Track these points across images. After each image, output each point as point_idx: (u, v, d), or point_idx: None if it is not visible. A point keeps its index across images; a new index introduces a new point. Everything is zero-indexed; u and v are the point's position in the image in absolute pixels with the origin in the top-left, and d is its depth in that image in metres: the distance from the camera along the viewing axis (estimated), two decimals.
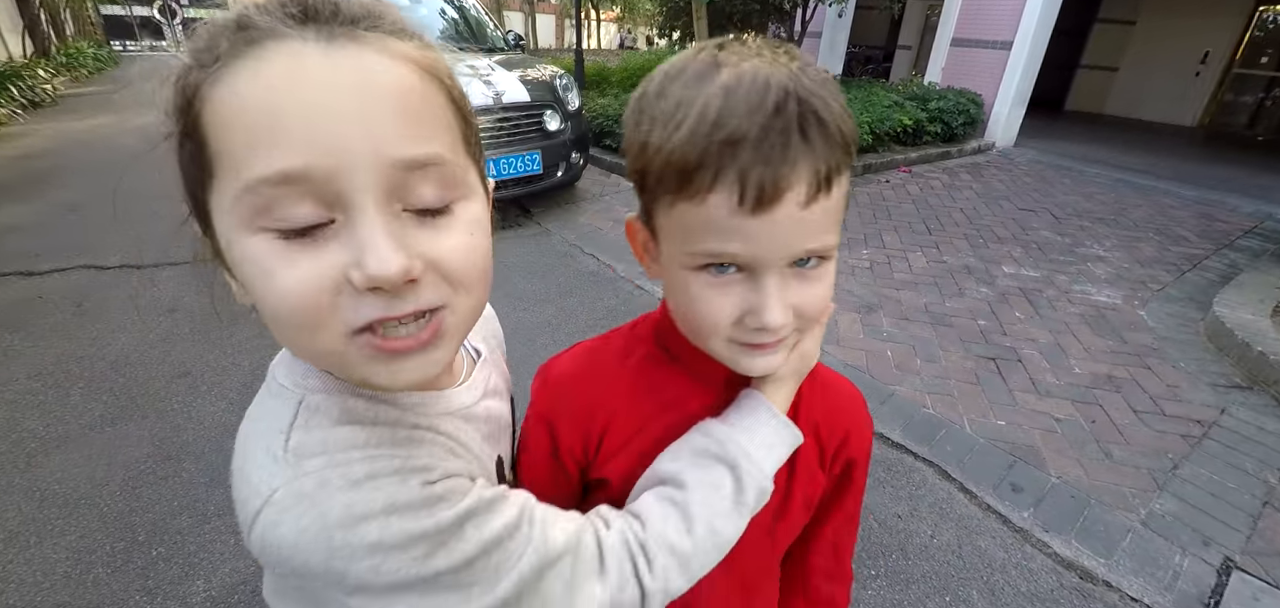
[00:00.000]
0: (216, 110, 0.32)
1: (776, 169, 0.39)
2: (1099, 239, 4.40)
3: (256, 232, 0.33)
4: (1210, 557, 1.86)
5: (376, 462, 0.37)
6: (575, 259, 3.74)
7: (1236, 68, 10.41)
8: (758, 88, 0.39)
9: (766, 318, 0.43)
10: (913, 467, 2.17)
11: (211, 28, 0.34)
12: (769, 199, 0.39)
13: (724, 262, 0.43)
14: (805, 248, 0.42)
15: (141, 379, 2.41)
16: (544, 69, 4.70)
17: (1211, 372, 2.82)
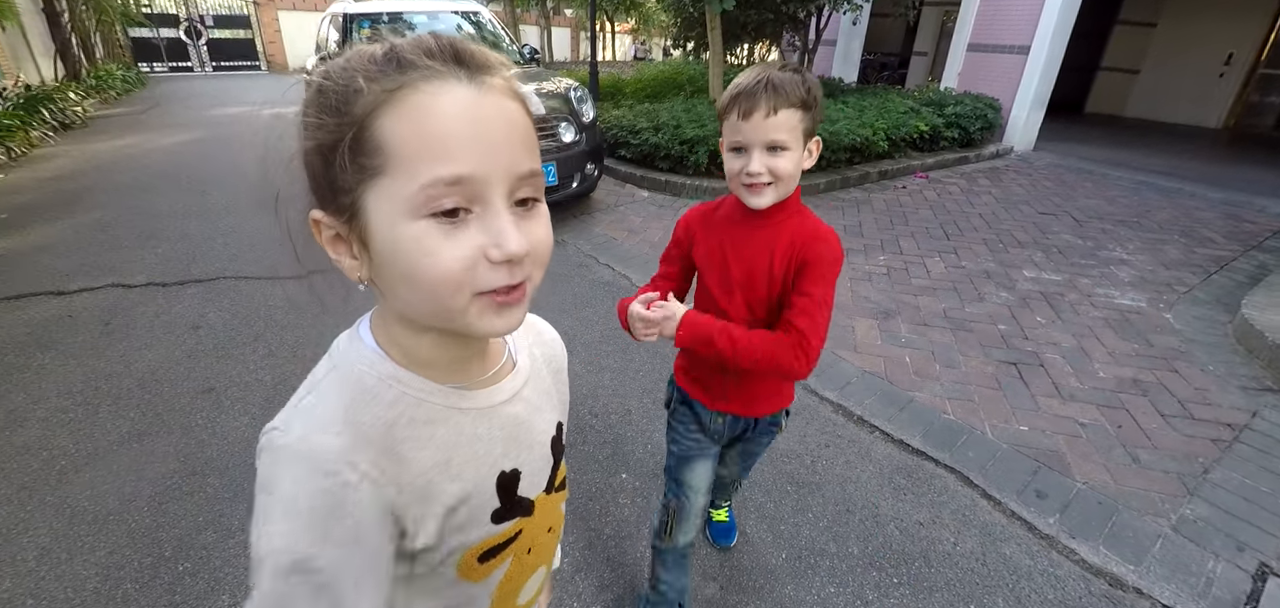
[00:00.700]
0: (399, 125, 0.41)
1: (753, 103, 0.97)
2: (1122, 242, 4.32)
3: (422, 217, 0.42)
4: (1245, 562, 1.81)
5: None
6: (591, 269, 3.76)
7: (1262, 68, 10.19)
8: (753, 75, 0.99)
9: (753, 166, 1.00)
10: (934, 473, 2.14)
11: (377, 59, 0.42)
12: (747, 114, 0.98)
13: (738, 145, 1.02)
14: (771, 139, 0.99)
15: (167, 396, 2.46)
16: (559, 81, 4.76)
17: (1241, 374, 2.75)
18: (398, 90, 0.41)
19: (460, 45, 0.44)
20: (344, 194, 0.43)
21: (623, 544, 1.82)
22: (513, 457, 0.56)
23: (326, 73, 0.43)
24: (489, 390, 0.55)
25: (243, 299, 3.27)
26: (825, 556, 1.79)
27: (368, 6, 5.32)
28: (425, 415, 0.50)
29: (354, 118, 0.41)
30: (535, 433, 0.59)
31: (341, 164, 0.42)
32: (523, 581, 0.63)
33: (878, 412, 2.43)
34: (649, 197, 5.25)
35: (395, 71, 0.41)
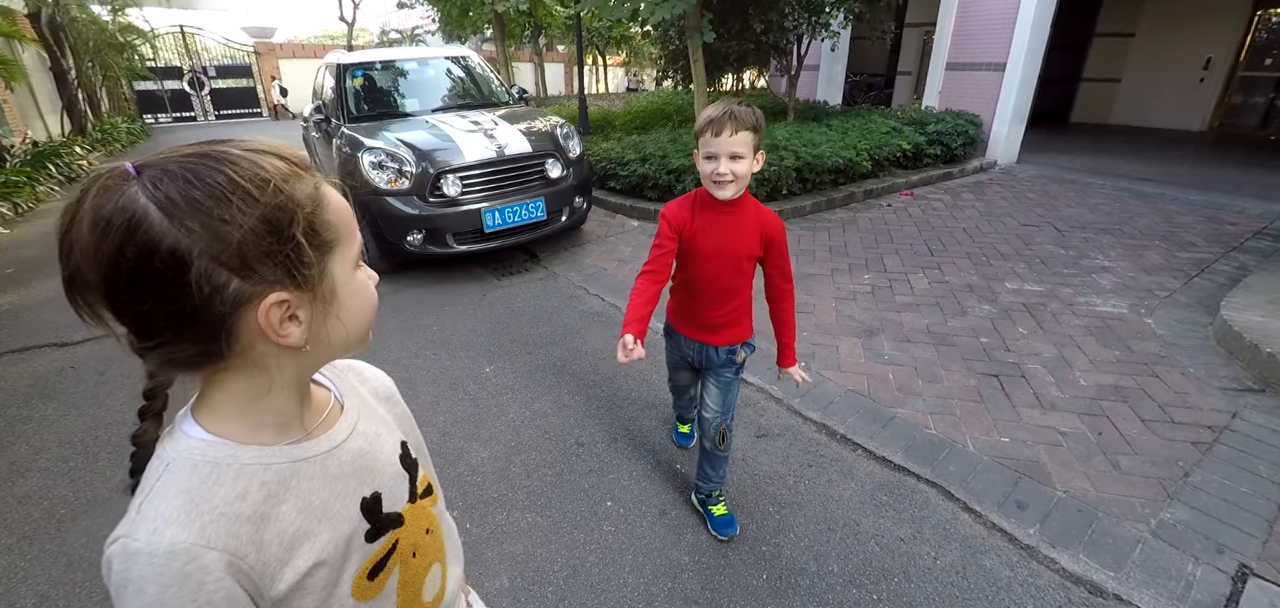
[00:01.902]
0: (337, 209, 0.56)
1: (721, 126, 1.49)
2: (1104, 250, 4.38)
3: (359, 267, 0.59)
4: (1224, 565, 1.83)
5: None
6: (581, 301, 3.83)
7: (1241, 71, 10.38)
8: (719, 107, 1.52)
9: (721, 169, 1.52)
10: (915, 488, 2.17)
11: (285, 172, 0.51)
12: (717, 132, 1.50)
13: (711, 155, 1.53)
14: (733, 150, 1.50)
15: None
16: (547, 119, 4.89)
17: (1222, 376, 2.79)
18: (321, 183, 0.54)
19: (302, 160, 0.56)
20: (313, 268, 0.52)
21: (606, 571, 1.85)
22: (368, 484, 0.63)
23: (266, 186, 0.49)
24: (327, 435, 0.61)
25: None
26: (805, 575, 1.82)
27: (361, 57, 5.49)
28: (275, 478, 0.55)
29: (309, 211, 0.51)
30: (381, 458, 0.66)
31: (312, 249, 0.52)
32: (420, 581, 0.70)
33: (860, 430, 2.47)
34: (639, 226, 5.34)
35: (306, 171, 0.53)
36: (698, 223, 1.64)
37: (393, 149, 4.02)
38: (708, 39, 5.81)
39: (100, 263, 0.45)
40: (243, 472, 0.53)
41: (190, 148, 0.49)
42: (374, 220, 3.96)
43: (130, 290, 0.46)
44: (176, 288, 0.46)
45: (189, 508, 0.50)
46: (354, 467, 0.62)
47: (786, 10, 6.49)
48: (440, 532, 0.75)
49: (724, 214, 1.61)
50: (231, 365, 0.53)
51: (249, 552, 0.51)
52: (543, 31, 16.72)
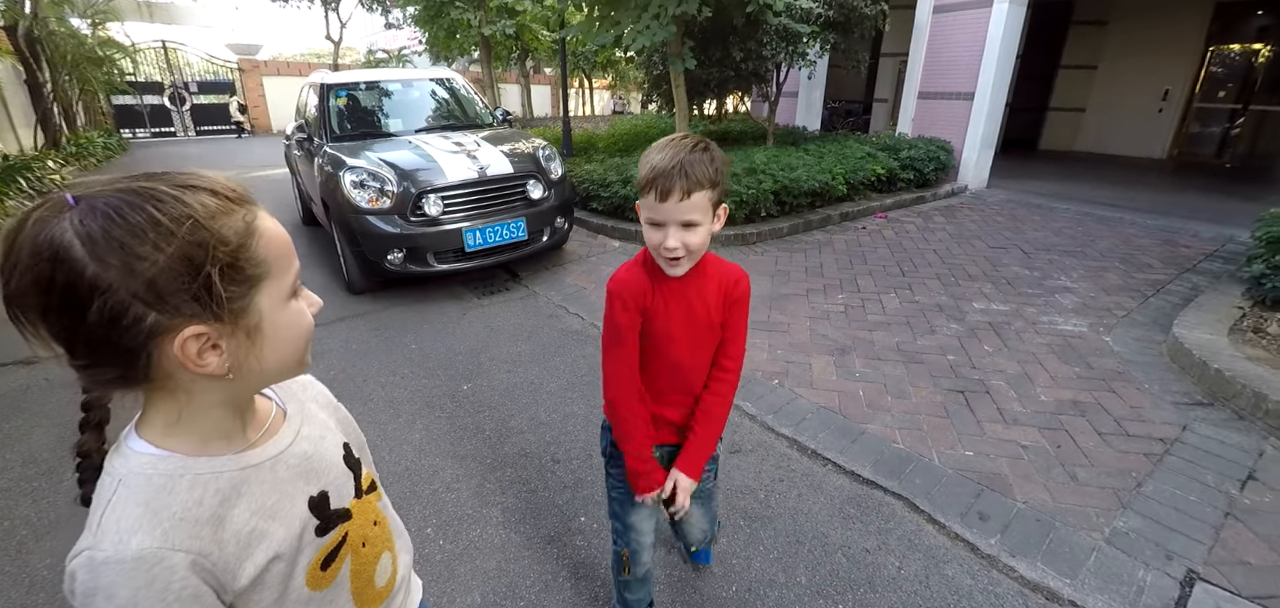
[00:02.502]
0: (269, 243, 0.58)
1: (669, 185, 1.05)
2: (1067, 271, 4.55)
3: (290, 299, 0.60)
4: (1173, 570, 1.91)
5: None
6: (560, 320, 3.87)
7: (1197, 102, 10.88)
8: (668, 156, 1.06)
9: (669, 243, 1.09)
10: (882, 501, 2.23)
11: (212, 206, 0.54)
12: (664, 195, 1.06)
13: (657, 221, 1.10)
14: (685, 218, 1.08)
15: None
16: (530, 141, 4.96)
17: (1174, 391, 2.91)
18: (257, 218, 0.57)
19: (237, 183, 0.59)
20: (238, 301, 0.55)
21: (578, 585, 1.88)
22: (315, 483, 0.68)
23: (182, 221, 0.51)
24: (273, 442, 0.66)
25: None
26: (774, 586, 1.87)
27: (345, 77, 5.54)
28: (227, 484, 0.59)
29: (234, 245, 0.54)
30: (326, 459, 0.71)
31: (235, 281, 0.54)
32: (371, 569, 0.75)
33: (830, 445, 2.54)
34: (620, 246, 5.41)
35: (241, 205, 0.56)
36: (658, 296, 1.22)
37: (375, 168, 4.06)
38: (689, 65, 5.96)
39: (35, 286, 0.48)
40: (196, 480, 0.57)
41: (124, 182, 0.52)
42: (355, 239, 3.98)
43: (58, 314, 0.49)
44: (92, 319, 0.48)
45: (149, 516, 0.53)
46: (300, 469, 0.67)
47: (765, 40, 6.69)
48: (387, 524, 0.81)
49: (685, 279, 1.21)
50: (160, 387, 0.56)
51: (212, 550, 0.56)
52: (530, 54, 16.94)
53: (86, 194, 0.50)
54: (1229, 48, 10.68)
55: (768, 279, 4.46)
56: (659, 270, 1.19)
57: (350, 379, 3.13)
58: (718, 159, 1.10)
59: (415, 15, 12.85)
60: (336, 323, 3.83)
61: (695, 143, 1.09)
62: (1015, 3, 6.74)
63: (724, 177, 1.12)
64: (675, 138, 1.10)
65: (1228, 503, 2.18)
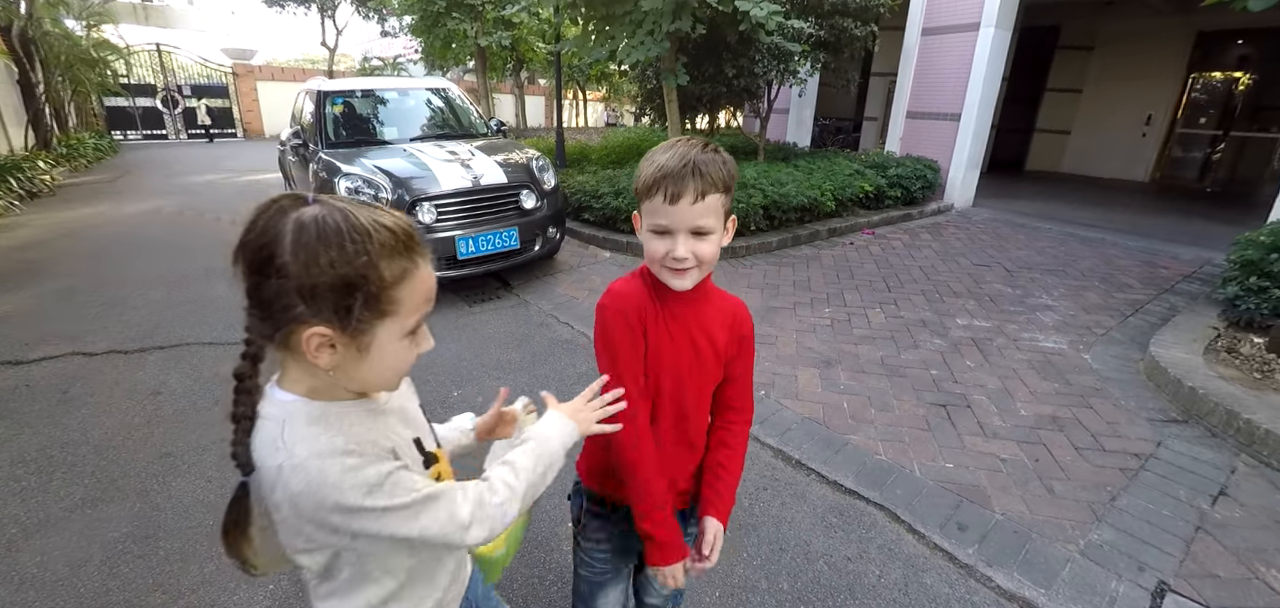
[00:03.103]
0: (412, 291, 0.71)
1: (680, 187, 0.92)
2: (1048, 289, 4.65)
3: (404, 338, 0.73)
4: (1145, 582, 1.96)
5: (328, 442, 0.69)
6: (550, 328, 3.90)
7: (1179, 128, 11.14)
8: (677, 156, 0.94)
9: (678, 252, 0.95)
10: (864, 511, 2.28)
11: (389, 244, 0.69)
12: (675, 198, 0.93)
13: (663, 229, 0.96)
14: (697, 224, 0.95)
15: (123, 462, 2.49)
16: (523, 152, 5.02)
17: (1150, 408, 2.99)
18: (414, 270, 0.71)
19: (417, 234, 0.73)
20: (362, 324, 0.68)
21: (564, 589, 1.91)
22: (412, 429, 0.85)
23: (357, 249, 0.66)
24: (386, 397, 0.82)
25: (205, 364, 3.33)
26: (756, 592, 1.90)
27: (341, 84, 5.58)
28: (358, 417, 0.75)
29: (384, 283, 0.68)
30: (413, 415, 0.88)
31: (368, 309, 0.68)
32: None
33: (815, 455, 2.58)
34: (611, 257, 5.47)
35: (405, 256, 0.70)
36: (659, 318, 1.04)
37: (369, 175, 4.09)
38: (682, 81, 6.05)
39: (251, 246, 0.65)
40: (344, 411, 0.73)
41: (347, 203, 0.68)
42: None
43: (251, 271, 0.65)
44: (268, 288, 0.65)
45: (326, 428, 0.70)
46: (401, 417, 0.84)
47: (757, 58, 6.81)
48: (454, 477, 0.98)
49: (689, 302, 1.05)
50: (293, 353, 0.69)
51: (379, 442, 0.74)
52: (524, 66, 17.05)
53: (321, 199, 0.67)
54: (1210, 75, 10.96)
55: (757, 292, 4.52)
56: (660, 288, 1.03)
57: None
58: (729, 162, 0.98)
59: (412, 24, 12.92)
60: None
61: (704, 143, 0.97)
62: (1001, 27, 6.90)
63: (734, 182, 1.00)
64: (681, 138, 0.98)
65: (1199, 517, 2.24)
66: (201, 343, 3.60)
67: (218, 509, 2.15)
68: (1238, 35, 10.19)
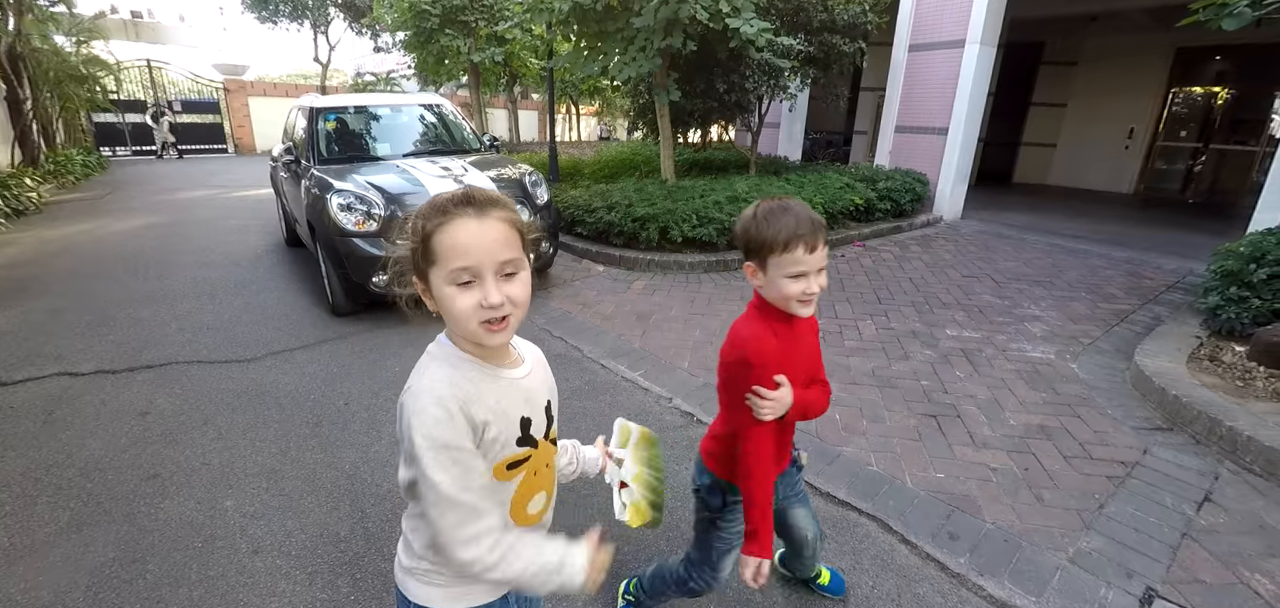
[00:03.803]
0: (442, 240, 0.82)
1: (815, 239, 1.19)
2: (1036, 300, 4.71)
3: (450, 284, 0.83)
4: (1133, 588, 1.98)
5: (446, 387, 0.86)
6: (544, 342, 3.88)
7: (1161, 141, 11.37)
8: (805, 215, 1.21)
9: (813, 287, 1.22)
10: (857, 522, 2.29)
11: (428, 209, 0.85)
12: (813, 248, 1.19)
13: (801, 272, 1.20)
14: (822, 264, 1.22)
15: (110, 484, 2.46)
16: (516, 167, 5.05)
17: (1136, 416, 3.03)
18: (444, 223, 0.82)
19: (476, 194, 0.85)
20: (423, 272, 0.86)
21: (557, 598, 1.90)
22: (527, 408, 0.96)
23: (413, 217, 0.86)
24: (513, 370, 0.96)
25: (194, 384, 3.30)
26: (752, 604, 1.91)
27: (334, 100, 5.60)
28: (485, 376, 0.90)
29: (420, 237, 0.84)
30: (537, 399, 0.99)
31: (419, 260, 0.85)
32: (530, 495, 1.01)
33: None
34: (604, 271, 5.49)
35: (440, 214, 0.83)
36: (789, 337, 1.31)
37: (361, 191, 4.10)
38: (674, 97, 6.12)
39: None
40: (470, 367, 0.90)
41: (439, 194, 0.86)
42: (340, 261, 4.00)
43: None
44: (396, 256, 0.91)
45: (444, 376, 0.87)
46: (522, 394, 0.96)
47: (748, 73, 6.89)
48: (554, 473, 1.09)
49: (798, 325, 1.33)
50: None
51: (470, 404, 0.86)
52: (518, 81, 17.15)
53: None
54: (1190, 89, 11.22)
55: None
56: (779, 316, 1.30)
57: (331, 401, 3.13)
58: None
59: (405, 40, 12.97)
60: (319, 345, 3.83)
61: (800, 202, 1.26)
62: (986, 44, 7.04)
63: None
64: (780, 200, 1.25)
65: (1185, 524, 2.27)
66: (191, 362, 3.57)
67: (208, 532, 2.16)
68: (1215, 51, 10.44)
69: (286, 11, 19.64)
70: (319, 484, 2.47)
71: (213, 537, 2.18)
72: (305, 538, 2.18)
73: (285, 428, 2.89)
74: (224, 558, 2.09)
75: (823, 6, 6.81)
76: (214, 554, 2.11)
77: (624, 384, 3.35)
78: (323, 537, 2.18)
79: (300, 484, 2.47)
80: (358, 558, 2.09)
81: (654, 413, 3.06)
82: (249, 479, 2.49)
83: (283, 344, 3.84)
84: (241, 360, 3.59)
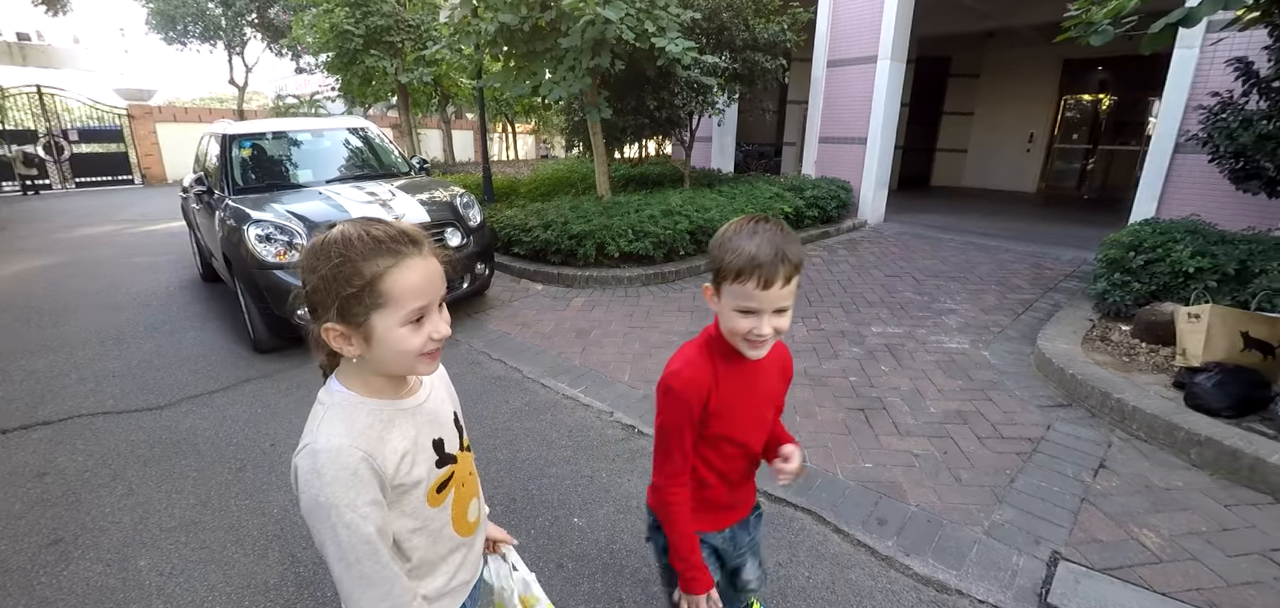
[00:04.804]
0: (395, 283, 0.81)
1: (772, 274, 0.99)
2: (952, 295, 5.05)
3: (403, 325, 0.83)
4: (1041, 553, 2.16)
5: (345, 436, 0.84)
6: (483, 366, 3.85)
7: (1057, 144, 12.46)
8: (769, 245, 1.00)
9: (764, 330, 1.04)
10: (792, 516, 2.39)
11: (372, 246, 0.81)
12: (768, 284, 1.00)
13: (751, 308, 1.03)
14: (781, 304, 1.03)
15: (4, 555, 2.25)
16: (448, 189, 4.97)
17: (1040, 396, 3.30)
18: (395, 265, 0.81)
19: (409, 230, 0.85)
20: (358, 317, 0.81)
21: None
22: (436, 430, 0.98)
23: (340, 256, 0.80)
24: (414, 398, 0.95)
25: (100, 437, 3.05)
26: None
27: (250, 126, 5.34)
28: (387, 416, 0.89)
29: (366, 280, 0.80)
30: (443, 417, 1.01)
31: (358, 304, 0.81)
32: (466, 504, 1.05)
33: None
34: (543, 289, 5.47)
35: (388, 255, 0.81)
36: (723, 384, 1.15)
37: (282, 221, 3.93)
38: (605, 116, 6.21)
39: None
40: (370, 410, 0.87)
41: (358, 221, 0.85)
42: (261, 295, 3.82)
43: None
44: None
45: (344, 427, 0.84)
46: (429, 417, 0.97)
47: (676, 90, 7.08)
48: (477, 479, 1.13)
49: (753, 366, 1.17)
50: (337, 352, 0.85)
51: (376, 453, 0.84)
52: (450, 100, 16.86)
53: (341, 223, 0.85)
54: (1079, 97, 12.37)
55: (687, 315, 4.65)
56: (728, 352, 1.14)
57: (256, 444, 2.97)
58: (797, 238, 1.08)
59: (328, 62, 12.52)
60: (241, 385, 3.62)
61: (779, 224, 1.05)
62: (896, 60, 7.52)
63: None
64: (755, 219, 1.05)
65: (1083, 490, 2.49)
66: (96, 413, 3.30)
67: (121, 595, 2.01)
68: (1098, 63, 11.56)
69: (196, 32, 18.58)
70: (244, 533, 2.34)
71: (125, 601, 2.03)
72: (230, 591, 2.06)
73: (205, 477, 2.72)
74: None
75: (745, 26, 7.09)
76: None
77: (565, 402, 3.35)
78: (249, 587, 2.07)
79: (223, 535, 2.33)
80: (289, 606, 2.00)
81: (594, 428, 3.08)
82: (165, 535, 2.33)
83: (200, 387, 3.61)
84: (153, 408, 3.35)
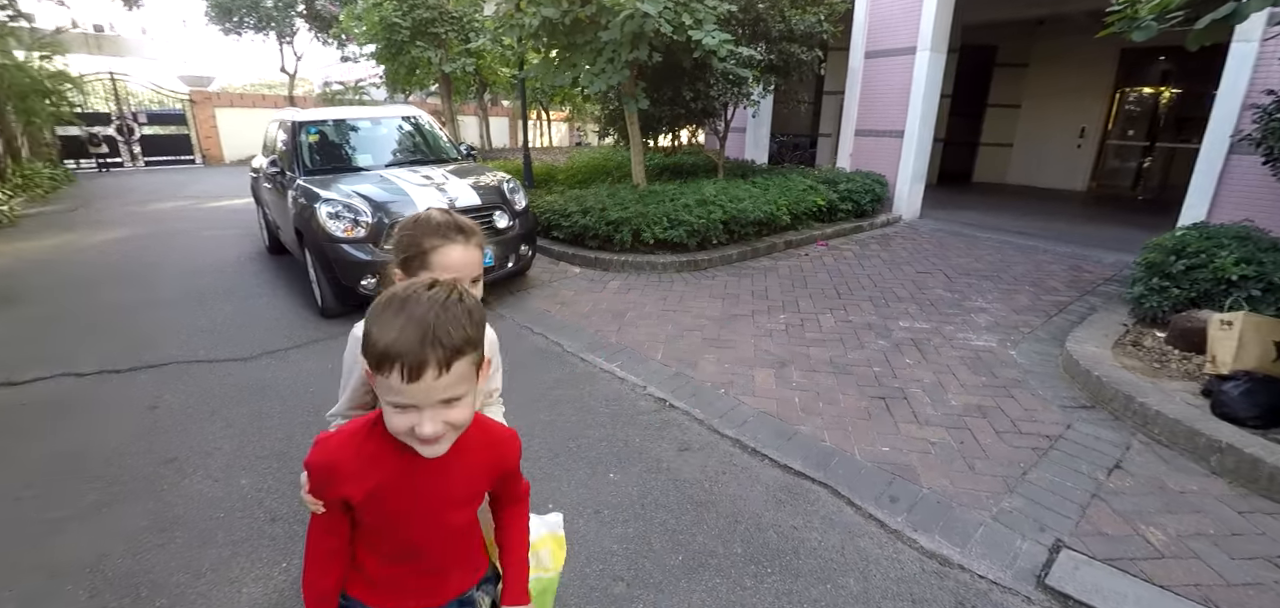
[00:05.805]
0: (439, 257, 1.19)
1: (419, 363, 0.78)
2: (983, 293, 5.09)
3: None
4: (1044, 540, 2.29)
5: None
6: (525, 339, 4.14)
7: (1110, 139, 11.99)
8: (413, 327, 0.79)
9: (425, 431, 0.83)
10: (809, 489, 2.58)
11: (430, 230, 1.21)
12: (414, 375, 0.79)
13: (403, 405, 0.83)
14: (444, 396, 0.82)
15: (131, 467, 2.67)
16: (494, 175, 5.27)
17: (1063, 396, 3.38)
18: (443, 245, 1.18)
19: (465, 226, 1.22)
20: (413, 269, 1.17)
21: None
22: None
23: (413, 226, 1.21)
24: None
25: (196, 381, 3.48)
26: (714, 556, 2.18)
27: (315, 114, 5.74)
28: None
29: (421, 249, 1.18)
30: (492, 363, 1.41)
31: (414, 262, 1.18)
32: None
33: (768, 443, 2.88)
34: (581, 272, 5.74)
35: (439, 236, 1.18)
36: (382, 475, 0.93)
37: (348, 200, 4.29)
38: (642, 105, 6.40)
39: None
40: None
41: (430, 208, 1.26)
42: (329, 265, 4.18)
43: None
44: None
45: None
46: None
47: (712, 82, 7.21)
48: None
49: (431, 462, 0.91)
50: None
51: None
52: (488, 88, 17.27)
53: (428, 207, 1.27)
54: (1137, 89, 11.83)
55: (718, 301, 4.84)
56: (391, 443, 0.91)
57: (329, 392, 3.31)
58: (475, 309, 0.87)
59: (376, 52, 13.01)
60: (312, 344, 4.02)
61: (445, 296, 0.84)
62: (936, 51, 7.46)
63: (484, 322, 0.91)
64: (410, 291, 0.84)
65: (1095, 487, 2.59)
66: (190, 361, 3.74)
67: (228, 505, 2.37)
68: (1159, 52, 11.04)
69: (251, 23, 19.53)
70: None
71: (233, 509, 2.42)
72: None
73: (288, 417, 3.11)
74: (246, 525, 2.33)
75: (780, 17, 7.15)
76: (236, 523, 2.34)
77: (602, 374, 3.61)
78: None
79: None
80: None
81: (629, 399, 3.32)
82: (260, 461, 2.71)
83: (277, 344, 4.03)
84: (239, 359, 3.77)
